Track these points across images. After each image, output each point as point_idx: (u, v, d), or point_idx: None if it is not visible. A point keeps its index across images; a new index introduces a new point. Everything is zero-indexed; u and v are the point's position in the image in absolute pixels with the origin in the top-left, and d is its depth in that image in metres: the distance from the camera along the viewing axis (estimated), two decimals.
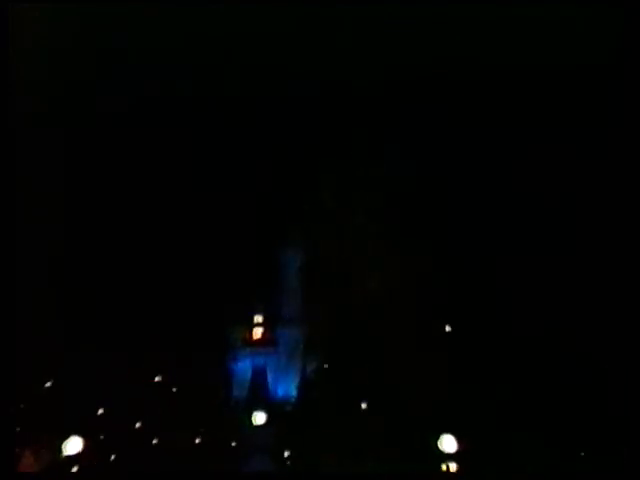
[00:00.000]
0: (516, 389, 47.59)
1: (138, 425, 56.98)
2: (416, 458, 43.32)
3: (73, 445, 40.95)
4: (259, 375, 65.06)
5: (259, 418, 58.01)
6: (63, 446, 39.85)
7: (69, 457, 39.91)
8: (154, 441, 55.55)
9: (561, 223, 59.18)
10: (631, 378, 44.75)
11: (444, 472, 41.43)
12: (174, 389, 62.98)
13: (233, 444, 56.14)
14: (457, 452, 41.35)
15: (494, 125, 64.34)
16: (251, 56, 69.68)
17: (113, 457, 51.57)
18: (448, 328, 53.79)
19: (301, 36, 67.35)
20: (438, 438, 42.05)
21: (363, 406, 51.79)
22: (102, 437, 52.76)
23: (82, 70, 65.62)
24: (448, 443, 41.52)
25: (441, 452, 41.47)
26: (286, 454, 53.15)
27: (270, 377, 65.03)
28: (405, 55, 67.02)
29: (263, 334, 67.48)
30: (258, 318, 68.12)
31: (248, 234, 67.36)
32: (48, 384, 54.77)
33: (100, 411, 56.93)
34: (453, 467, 41.24)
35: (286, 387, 63.59)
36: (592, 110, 60.83)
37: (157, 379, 63.40)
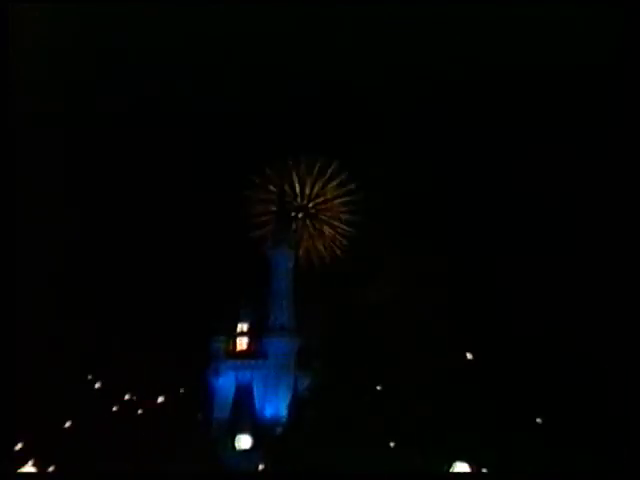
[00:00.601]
0: (517, 390, 47.48)
1: (102, 450, 48.24)
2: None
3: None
4: (244, 392, 56.87)
5: (244, 442, 52.60)
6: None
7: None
8: (122, 468, 46.03)
9: (561, 221, 59.14)
10: (631, 379, 44.83)
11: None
12: (145, 408, 55.01)
13: (214, 472, 47.33)
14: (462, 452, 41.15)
15: (494, 125, 64.28)
16: (251, 56, 69.67)
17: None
18: (459, 349, 50.89)
19: (301, 36, 67.30)
20: (444, 462, 40.96)
21: (363, 427, 45.24)
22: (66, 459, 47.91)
23: (82, 70, 65.61)
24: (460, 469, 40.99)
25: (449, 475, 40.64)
26: None
27: (257, 394, 57.06)
28: (405, 55, 66.98)
29: (249, 344, 59.44)
30: (243, 326, 59.97)
31: (234, 231, 65.45)
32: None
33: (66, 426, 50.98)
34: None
35: (275, 406, 56.42)
36: (592, 109, 60.80)
37: (126, 397, 55.49)
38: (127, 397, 55.62)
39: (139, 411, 54.79)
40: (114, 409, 53.90)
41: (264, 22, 67.61)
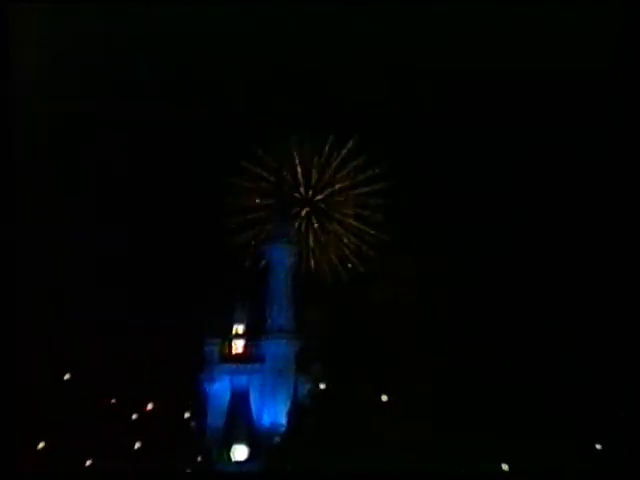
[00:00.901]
0: (517, 390, 47.56)
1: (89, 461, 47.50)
2: None
3: None
4: (240, 398, 53.21)
5: (239, 453, 49.74)
6: None
7: None
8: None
9: (564, 222, 59.17)
10: (631, 379, 44.93)
11: None
12: (134, 415, 52.64)
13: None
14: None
15: (495, 126, 64.29)
16: (251, 56, 69.47)
17: None
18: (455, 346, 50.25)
19: (301, 36, 67.14)
20: (446, 464, 40.73)
21: (367, 436, 43.04)
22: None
23: (81, 70, 65.69)
24: None
25: None
26: None
27: (254, 401, 53.46)
28: (406, 57, 66.88)
29: (245, 347, 55.21)
30: (238, 328, 55.86)
31: (228, 225, 62.25)
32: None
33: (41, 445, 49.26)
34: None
35: (273, 413, 53.00)
36: (592, 110, 60.85)
37: (113, 401, 53.03)
38: (114, 403, 53.16)
39: (128, 418, 52.55)
40: (99, 416, 51.58)
41: (264, 22, 67.36)
